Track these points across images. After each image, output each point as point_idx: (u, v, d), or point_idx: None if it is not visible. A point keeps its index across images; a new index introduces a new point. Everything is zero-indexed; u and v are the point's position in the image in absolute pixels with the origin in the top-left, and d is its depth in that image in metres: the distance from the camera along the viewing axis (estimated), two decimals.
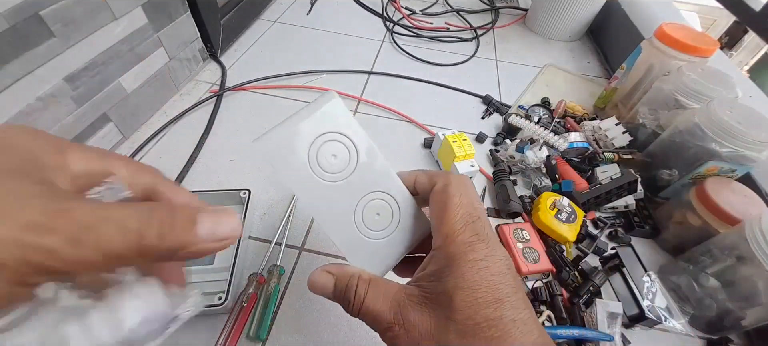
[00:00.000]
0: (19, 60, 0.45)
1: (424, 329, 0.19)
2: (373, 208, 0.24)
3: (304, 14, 1.07)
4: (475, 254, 0.19)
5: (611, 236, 0.58)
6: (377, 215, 0.24)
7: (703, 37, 0.67)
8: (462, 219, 0.21)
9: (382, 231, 0.25)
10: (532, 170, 0.64)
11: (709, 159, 0.52)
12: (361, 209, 0.24)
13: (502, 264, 0.20)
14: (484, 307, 0.18)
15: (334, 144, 0.23)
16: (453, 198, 0.21)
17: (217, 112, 0.72)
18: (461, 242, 0.20)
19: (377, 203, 0.24)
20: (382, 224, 0.25)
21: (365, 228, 0.24)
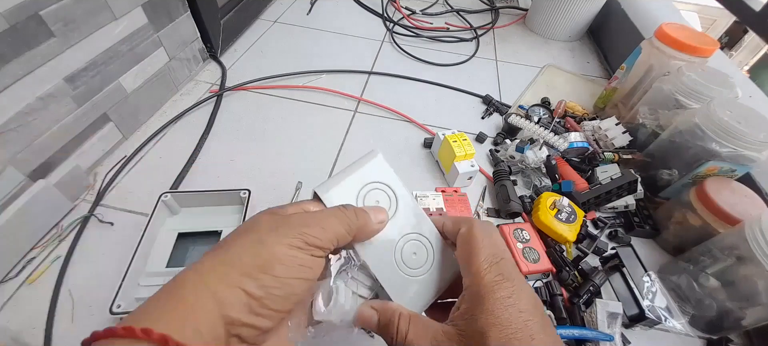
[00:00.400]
0: (19, 60, 0.45)
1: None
2: (410, 248, 0.27)
3: (304, 14, 1.07)
4: (502, 292, 0.21)
5: (611, 236, 0.58)
6: (414, 254, 0.27)
7: (703, 37, 0.67)
8: (487, 260, 0.22)
9: (419, 269, 0.27)
10: (532, 170, 0.64)
11: (709, 159, 0.52)
12: (400, 248, 0.27)
13: (529, 302, 0.21)
14: (516, 342, 0.19)
15: (378, 192, 0.27)
16: (478, 240, 0.23)
17: (217, 112, 0.72)
18: (488, 281, 0.22)
19: (414, 244, 0.27)
20: (419, 262, 0.27)
21: (405, 266, 0.27)
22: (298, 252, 0.20)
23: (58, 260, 0.48)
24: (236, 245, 0.20)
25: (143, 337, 0.15)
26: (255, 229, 0.21)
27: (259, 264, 0.19)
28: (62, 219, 0.52)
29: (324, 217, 0.22)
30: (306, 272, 0.20)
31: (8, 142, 0.46)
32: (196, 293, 0.17)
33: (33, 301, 0.44)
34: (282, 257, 0.19)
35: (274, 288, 0.19)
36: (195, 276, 0.18)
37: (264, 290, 0.18)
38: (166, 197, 0.50)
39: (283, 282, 0.19)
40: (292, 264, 0.19)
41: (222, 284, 0.18)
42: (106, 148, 0.61)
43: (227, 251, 0.19)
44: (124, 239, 0.50)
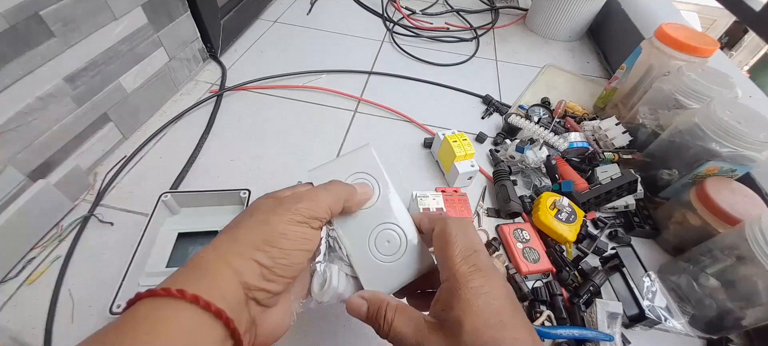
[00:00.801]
0: (19, 60, 0.45)
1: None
2: (384, 236, 0.29)
3: (304, 14, 1.07)
4: (475, 282, 0.23)
5: (611, 236, 0.58)
6: (387, 242, 0.29)
7: (703, 37, 0.67)
8: (461, 253, 0.24)
9: (390, 256, 0.29)
10: (532, 170, 0.64)
11: (709, 159, 0.52)
12: (376, 235, 0.29)
13: (502, 292, 0.23)
14: (489, 329, 0.21)
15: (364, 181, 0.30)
16: (452, 236, 0.25)
17: (217, 112, 0.72)
18: (462, 273, 0.23)
19: (388, 233, 0.30)
20: (391, 250, 0.29)
21: (376, 251, 0.29)
22: (298, 226, 0.23)
23: (58, 260, 0.48)
24: (245, 226, 0.23)
25: (179, 296, 0.18)
26: (258, 211, 0.24)
27: (266, 239, 0.22)
28: (62, 219, 0.52)
29: (315, 192, 0.26)
30: (306, 243, 0.24)
31: (8, 142, 0.46)
32: (217, 265, 0.21)
33: (33, 301, 0.44)
34: (285, 232, 0.23)
35: (280, 258, 0.22)
36: (214, 253, 0.21)
37: (273, 261, 0.22)
38: (166, 197, 0.50)
39: (287, 253, 0.22)
40: (294, 237, 0.23)
41: (238, 257, 0.21)
42: (106, 148, 0.61)
43: (238, 231, 0.23)
44: (124, 239, 0.50)
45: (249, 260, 0.21)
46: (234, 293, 0.20)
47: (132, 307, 0.19)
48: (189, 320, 0.18)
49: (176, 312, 0.18)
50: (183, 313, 0.18)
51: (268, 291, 0.22)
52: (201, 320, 0.18)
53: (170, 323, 0.18)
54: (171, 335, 0.17)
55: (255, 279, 0.21)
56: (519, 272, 0.50)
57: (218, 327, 0.19)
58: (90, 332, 0.18)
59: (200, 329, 0.18)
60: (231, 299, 0.20)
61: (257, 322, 0.22)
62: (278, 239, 0.22)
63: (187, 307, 0.18)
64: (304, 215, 0.24)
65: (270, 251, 0.22)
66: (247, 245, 0.22)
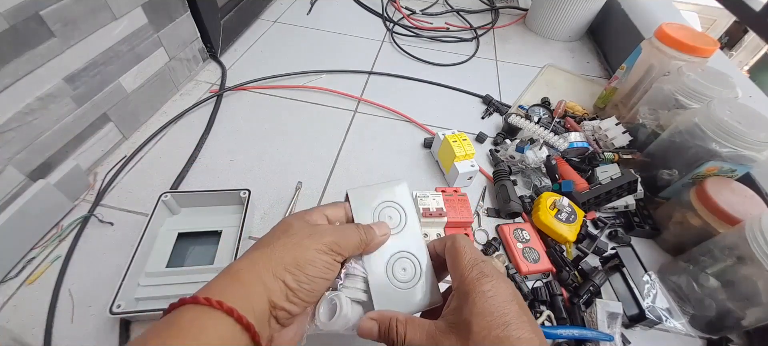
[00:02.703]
0: (19, 60, 0.45)
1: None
2: (401, 264, 0.31)
3: (304, 14, 1.07)
4: (483, 287, 0.24)
5: (611, 236, 0.58)
6: (403, 269, 0.31)
7: (703, 37, 0.67)
8: (470, 262, 0.26)
9: (405, 283, 0.31)
10: (532, 170, 0.64)
11: (709, 159, 0.52)
12: (393, 262, 0.31)
13: (508, 294, 0.24)
14: (495, 328, 0.22)
15: (392, 210, 0.33)
16: (461, 248, 0.28)
17: (217, 112, 0.72)
18: (471, 279, 0.25)
19: (405, 262, 0.31)
20: (406, 277, 0.31)
21: (393, 277, 0.31)
22: (326, 256, 0.25)
23: (58, 260, 0.48)
24: (280, 245, 0.25)
25: (217, 307, 0.21)
26: (293, 233, 0.26)
27: (297, 263, 0.24)
28: (62, 219, 0.52)
29: (345, 230, 0.28)
30: (328, 273, 0.25)
31: (8, 142, 0.46)
32: (251, 279, 0.23)
33: (33, 301, 0.44)
34: (314, 259, 0.25)
35: (305, 283, 0.24)
36: (249, 265, 0.23)
37: (298, 284, 0.24)
38: (166, 197, 0.50)
39: (312, 279, 0.24)
40: (320, 265, 0.25)
41: (269, 274, 0.23)
42: (106, 148, 0.61)
43: (274, 249, 0.24)
44: (124, 239, 0.50)
45: (278, 279, 0.23)
46: (262, 308, 0.22)
47: (176, 310, 0.21)
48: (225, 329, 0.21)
49: (215, 321, 0.21)
50: (220, 322, 0.21)
51: (289, 312, 0.24)
52: (233, 331, 0.21)
53: (210, 331, 0.20)
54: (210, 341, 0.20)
55: (280, 299, 0.23)
56: (519, 272, 0.50)
57: (246, 338, 0.21)
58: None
59: (232, 338, 0.21)
60: (259, 313, 0.22)
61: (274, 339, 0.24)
62: (307, 264, 0.24)
63: (223, 317, 0.21)
64: (334, 249, 0.26)
65: (297, 275, 0.24)
66: (280, 264, 0.24)
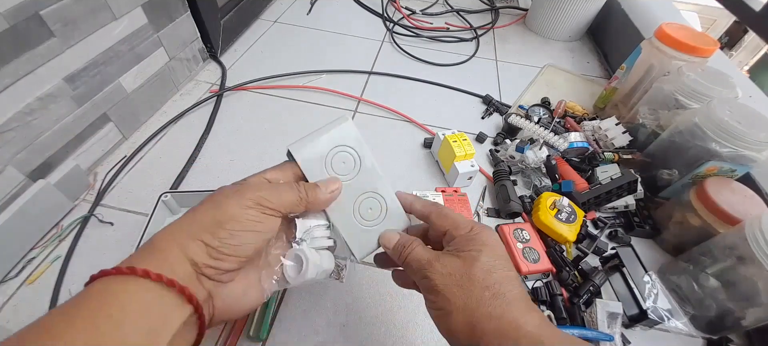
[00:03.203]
0: (19, 60, 0.45)
1: (453, 267, 0.26)
2: (367, 204, 0.33)
3: (304, 14, 1.07)
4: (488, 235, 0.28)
5: (611, 236, 0.58)
6: (370, 209, 0.33)
7: (703, 37, 0.67)
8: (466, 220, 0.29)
9: (372, 221, 0.33)
10: (532, 170, 0.64)
11: (709, 159, 0.52)
12: (359, 203, 0.32)
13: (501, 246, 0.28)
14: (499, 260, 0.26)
15: (345, 155, 0.32)
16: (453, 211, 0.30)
17: (217, 112, 0.72)
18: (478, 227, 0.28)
19: (371, 201, 0.33)
20: (373, 216, 0.33)
21: (361, 218, 0.32)
22: (251, 211, 0.25)
23: (58, 260, 0.48)
24: (198, 210, 0.25)
25: (129, 273, 0.20)
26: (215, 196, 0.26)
27: (215, 221, 0.24)
28: (62, 219, 0.52)
29: (279, 188, 0.27)
30: (257, 226, 0.25)
31: (8, 142, 0.46)
32: (167, 245, 0.23)
33: (33, 301, 0.44)
34: (235, 214, 0.24)
35: (226, 238, 0.24)
36: (166, 234, 0.23)
37: (219, 240, 0.23)
38: (166, 197, 0.50)
39: (234, 234, 0.24)
40: (243, 220, 0.24)
41: (186, 237, 0.23)
42: (106, 148, 0.61)
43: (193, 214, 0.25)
44: (124, 239, 0.50)
45: (196, 240, 0.23)
46: (184, 269, 0.22)
47: (94, 283, 0.21)
48: (142, 292, 0.20)
49: (127, 287, 0.20)
50: (134, 287, 0.20)
51: (216, 268, 0.24)
52: (153, 291, 0.20)
53: (121, 295, 0.20)
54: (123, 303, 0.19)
55: (202, 257, 0.23)
56: (519, 272, 0.50)
57: (172, 296, 0.21)
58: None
59: (153, 298, 0.20)
60: (181, 273, 0.22)
61: (214, 295, 0.24)
62: (227, 221, 0.24)
63: (138, 281, 0.20)
64: (258, 202, 0.25)
65: (217, 232, 0.23)
66: (197, 226, 0.24)
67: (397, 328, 0.45)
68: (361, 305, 0.47)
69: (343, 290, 0.48)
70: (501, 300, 0.24)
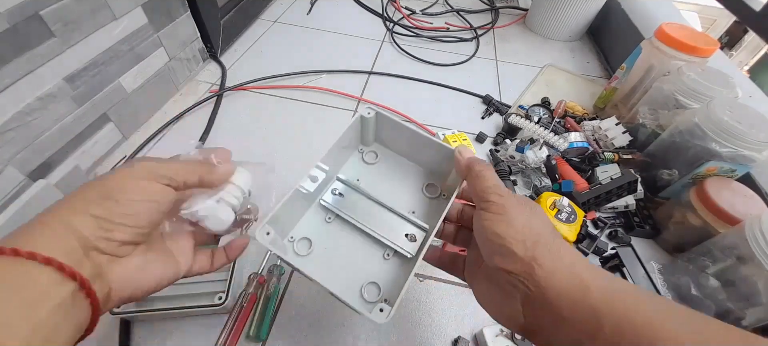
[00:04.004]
0: (19, 60, 0.45)
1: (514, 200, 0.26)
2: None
3: (304, 14, 1.07)
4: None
5: (611, 236, 0.58)
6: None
7: (703, 37, 0.67)
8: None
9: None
10: (532, 170, 0.64)
11: (709, 159, 0.52)
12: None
13: None
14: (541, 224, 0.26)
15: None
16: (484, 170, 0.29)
17: (217, 112, 0.72)
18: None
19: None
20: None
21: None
22: (144, 182, 0.24)
23: None
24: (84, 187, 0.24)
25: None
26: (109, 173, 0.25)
27: (104, 193, 0.23)
28: None
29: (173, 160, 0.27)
30: (154, 196, 0.24)
31: (8, 142, 0.46)
32: (50, 222, 0.22)
33: None
34: (126, 186, 0.24)
35: (116, 209, 0.23)
36: (49, 211, 0.22)
37: (108, 212, 0.22)
38: None
39: (126, 203, 0.23)
40: (133, 189, 0.24)
41: (71, 212, 0.22)
42: (106, 148, 0.61)
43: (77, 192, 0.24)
44: None
45: (83, 214, 0.22)
46: (67, 243, 0.21)
47: None
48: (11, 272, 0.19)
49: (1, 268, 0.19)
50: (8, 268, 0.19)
51: (109, 239, 0.23)
52: (26, 270, 0.19)
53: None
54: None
55: (91, 230, 0.22)
56: None
57: (50, 273, 0.20)
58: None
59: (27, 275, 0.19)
60: (67, 249, 0.21)
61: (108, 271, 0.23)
62: (117, 191, 0.23)
63: (11, 261, 0.19)
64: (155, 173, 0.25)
65: (106, 203, 0.23)
66: (82, 201, 0.23)
67: (398, 327, 0.45)
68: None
69: None
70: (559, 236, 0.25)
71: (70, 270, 0.20)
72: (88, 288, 0.21)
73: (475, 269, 0.29)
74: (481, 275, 0.28)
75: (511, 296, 0.24)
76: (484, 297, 0.27)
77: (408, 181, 0.37)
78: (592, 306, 0.21)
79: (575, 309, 0.21)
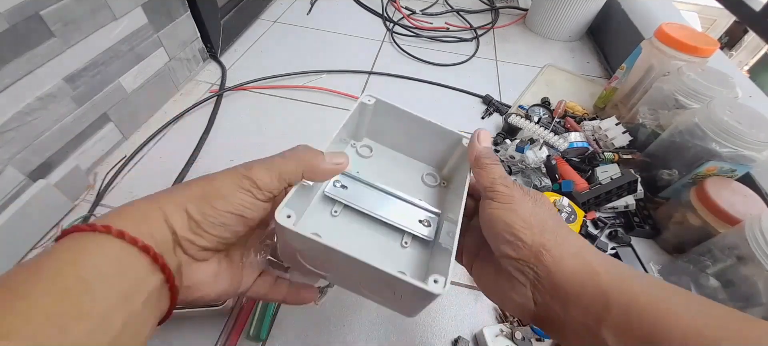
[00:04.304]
0: (19, 60, 0.45)
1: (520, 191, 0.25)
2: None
3: (304, 14, 1.07)
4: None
5: (611, 236, 0.58)
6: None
7: (703, 37, 0.67)
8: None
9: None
10: (532, 170, 0.64)
11: (709, 159, 0.52)
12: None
13: None
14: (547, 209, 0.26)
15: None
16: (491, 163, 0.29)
17: (217, 112, 0.72)
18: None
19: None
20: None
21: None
22: (239, 191, 0.23)
23: None
24: (191, 181, 0.24)
25: (104, 231, 0.19)
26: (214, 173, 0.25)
27: (204, 194, 0.23)
28: (62, 219, 0.52)
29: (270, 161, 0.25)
30: (242, 210, 0.23)
31: (8, 142, 0.46)
32: (148, 209, 0.21)
33: None
34: (225, 193, 0.23)
35: (211, 216, 0.22)
36: (148, 199, 0.22)
37: (203, 216, 0.22)
38: None
39: (220, 213, 0.22)
40: (232, 200, 0.23)
41: (170, 204, 0.22)
42: (106, 148, 0.61)
43: (183, 185, 0.24)
44: None
45: (180, 209, 0.22)
46: (162, 234, 0.21)
47: (58, 242, 0.19)
48: (116, 252, 0.19)
49: (101, 245, 0.18)
50: (108, 246, 0.19)
51: (193, 243, 0.22)
52: (128, 252, 0.19)
53: (94, 254, 0.18)
54: (96, 263, 0.18)
55: (182, 228, 0.21)
56: None
57: (145, 261, 0.19)
58: None
59: (127, 259, 0.19)
60: (159, 239, 0.20)
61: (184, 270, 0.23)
62: (216, 197, 0.23)
63: (113, 241, 0.19)
64: (250, 184, 0.24)
65: (202, 206, 0.22)
66: (184, 195, 0.22)
67: (398, 327, 0.45)
68: (361, 305, 0.47)
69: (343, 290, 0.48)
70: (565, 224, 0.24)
71: (162, 262, 0.20)
72: (172, 283, 0.21)
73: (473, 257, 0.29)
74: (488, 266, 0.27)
75: (520, 284, 0.24)
76: (491, 288, 0.27)
77: (406, 173, 0.36)
78: (600, 288, 0.21)
79: (584, 292, 0.21)
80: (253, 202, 0.24)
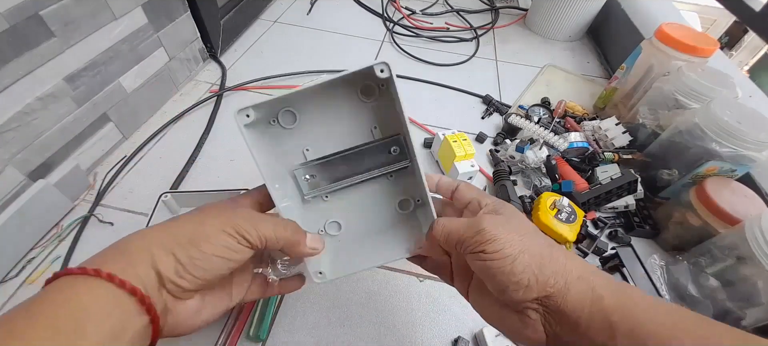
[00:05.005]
0: (19, 60, 0.45)
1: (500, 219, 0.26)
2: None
3: (304, 14, 1.07)
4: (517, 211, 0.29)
5: (611, 236, 0.58)
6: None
7: (703, 37, 0.67)
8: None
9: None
10: (532, 170, 0.64)
11: (709, 159, 0.52)
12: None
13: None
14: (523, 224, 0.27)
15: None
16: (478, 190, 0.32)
17: (217, 112, 0.72)
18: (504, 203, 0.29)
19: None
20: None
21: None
22: (226, 237, 0.24)
23: (58, 260, 0.48)
24: (180, 222, 0.25)
25: (94, 274, 0.20)
26: (203, 212, 0.26)
27: (192, 238, 0.23)
28: (62, 219, 0.52)
29: (259, 220, 0.26)
30: (227, 253, 0.24)
31: (8, 142, 0.46)
32: (137, 249, 0.22)
33: None
34: (212, 237, 0.24)
35: (198, 259, 0.23)
36: (139, 237, 0.23)
37: (189, 259, 0.23)
38: (166, 197, 0.50)
39: (205, 257, 0.23)
40: (217, 244, 0.24)
41: (159, 248, 0.23)
42: (106, 148, 0.61)
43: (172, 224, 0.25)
44: None
45: (168, 252, 0.23)
46: (150, 277, 0.22)
47: (50, 285, 0.20)
48: (105, 294, 0.20)
49: (91, 288, 0.20)
50: (98, 289, 0.20)
51: (178, 286, 0.23)
52: (116, 296, 0.20)
53: (83, 297, 0.19)
54: (86, 305, 0.19)
55: (168, 271, 0.22)
56: None
57: (133, 303, 0.20)
58: None
59: (116, 301, 0.20)
60: (147, 281, 0.22)
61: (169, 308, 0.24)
62: (202, 240, 0.23)
63: (102, 284, 0.20)
64: (239, 231, 0.25)
65: (189, 250, 0.23)
66: (173, 238, 0.23)
67: (398, 327, 0.45)
68: (361, 306, 0.47)
69: (343, 290, 0.48)
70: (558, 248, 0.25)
71: (148, 303, 0.21)
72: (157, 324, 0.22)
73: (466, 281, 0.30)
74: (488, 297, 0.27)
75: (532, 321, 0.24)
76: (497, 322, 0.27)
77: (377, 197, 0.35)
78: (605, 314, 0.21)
79: (591, 319, 0.22)
80: (239, 248, 0.25)
